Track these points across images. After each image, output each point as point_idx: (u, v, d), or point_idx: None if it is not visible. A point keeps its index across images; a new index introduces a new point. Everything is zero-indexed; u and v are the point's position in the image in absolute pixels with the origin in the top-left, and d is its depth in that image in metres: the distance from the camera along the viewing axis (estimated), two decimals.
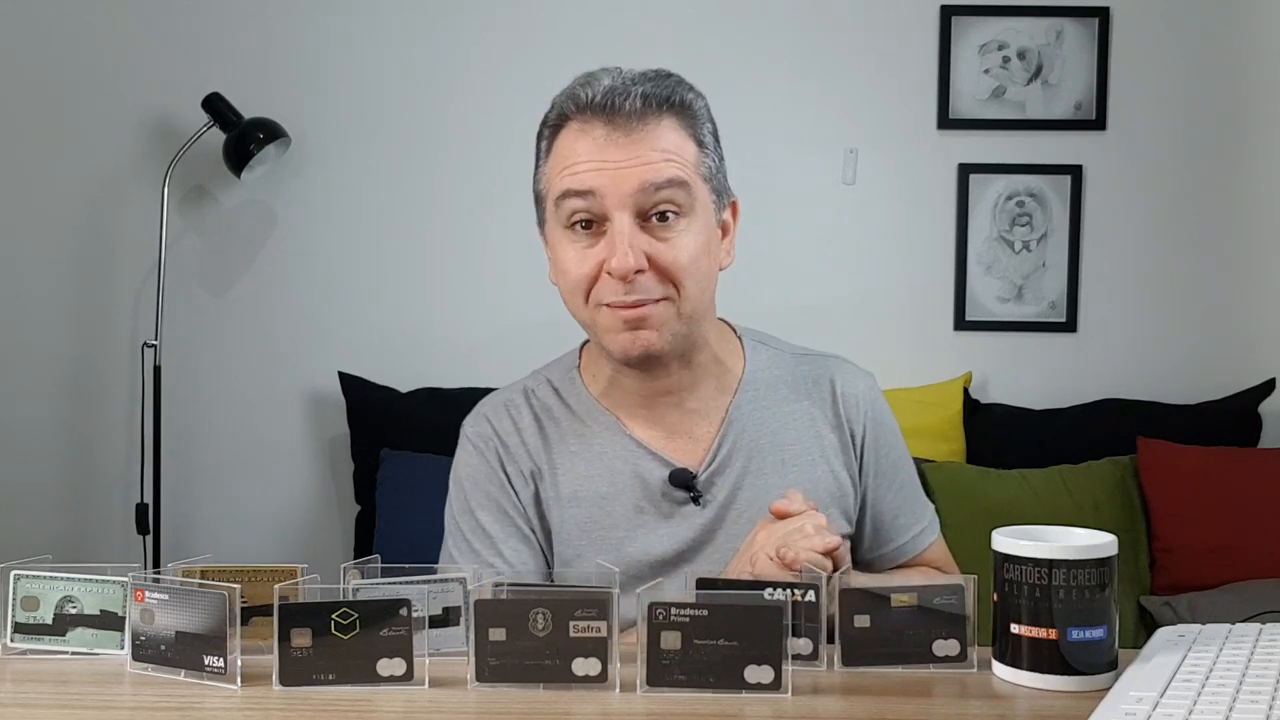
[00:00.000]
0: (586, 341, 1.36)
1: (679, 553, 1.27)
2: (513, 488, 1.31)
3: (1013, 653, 0.95)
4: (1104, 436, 2.82)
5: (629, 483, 1.28)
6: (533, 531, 1.31)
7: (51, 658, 1.04)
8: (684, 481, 1.28)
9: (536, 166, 1.28)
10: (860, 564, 1.35)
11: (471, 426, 1.35)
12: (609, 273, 1.18)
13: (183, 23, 3.05)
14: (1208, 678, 0.86)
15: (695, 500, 1.28)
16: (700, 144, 1.23)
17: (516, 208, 3.05)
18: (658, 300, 1.20)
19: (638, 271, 1.17)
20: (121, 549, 3.02)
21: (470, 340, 3.04)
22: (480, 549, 1.30)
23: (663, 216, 1.19)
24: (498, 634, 0.93)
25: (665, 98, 1.20)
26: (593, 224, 1.20)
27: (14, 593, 1.05)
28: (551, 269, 1.28)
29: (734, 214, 1.31)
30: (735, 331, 1.37)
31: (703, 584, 1.03)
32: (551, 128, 1.24)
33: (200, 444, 3.08)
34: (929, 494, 1.45)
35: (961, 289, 3.07)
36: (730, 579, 1.06)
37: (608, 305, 1.20)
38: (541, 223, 1.29)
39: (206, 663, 0.95)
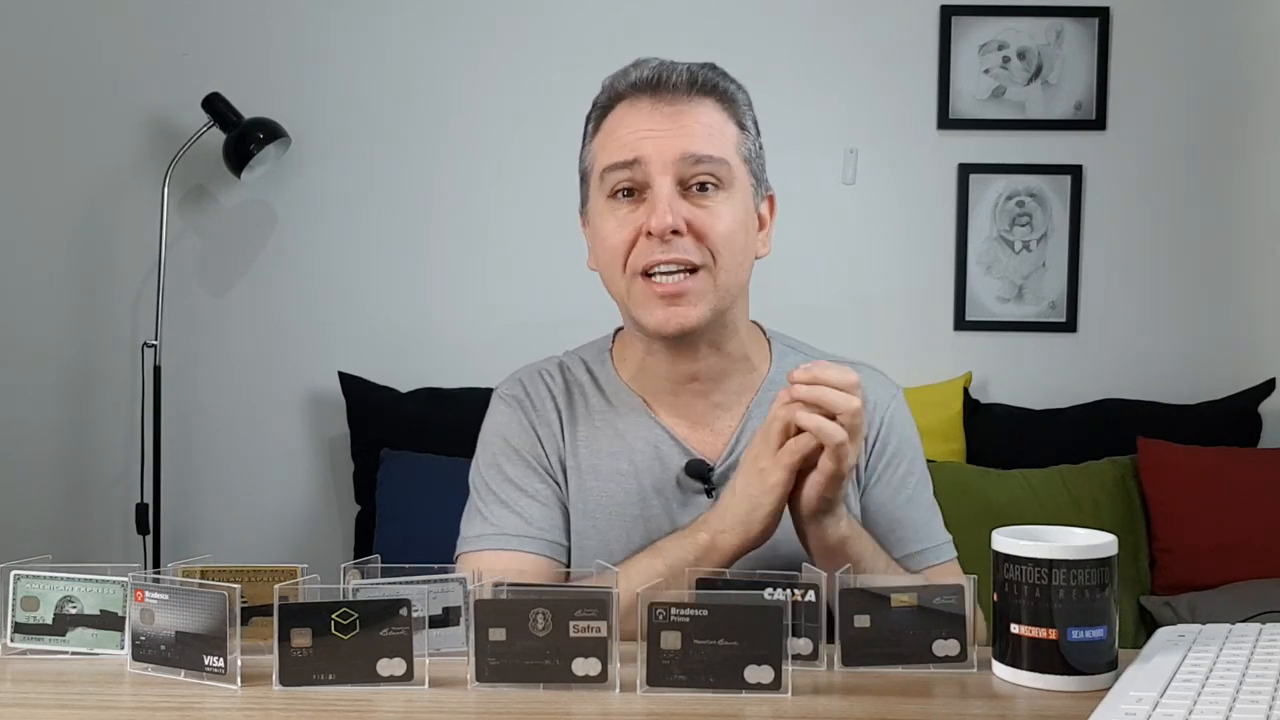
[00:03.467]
0: (619, 329, 1.38)
1: None
2: (541, 445, 1.32)
3: (1013, 653, 0.95)
4: (1104, 436, 2.82)
5: (649, 464, 1.30)
6: (558, 485, 1.32)
7: (51, 658, 1.04)
8: (700, 473, 1.29)
9: (583, 145, 1.31)
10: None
11: (505, 388, 1.37)
12: (648, 233, 1.20)
13: (183, 23, 3.05)
14: (1208, 678, 0.86)
15: (709, 493, 1.29)
16: (741, 127, 1.27)
17: (517, 208, 3.08)
18: (695, 269, 1.21)
19: (674, 232, 1.20)
20: (121, 549, 3.02)
21: (470, 340, 3.04)
22: (508, 498, 1.29)
23: (703, 187, 1.22)
24: (498, 634, 0.93)
25: (711, 83, 1.25)
26: (634, 192, 1.23)
27: (14, 593, 1.05)
28: (590, 253, 1.31)
29: (771, 208, 1.34)
30: (766, 334, 1.38)
31: (703, 584, 1.04)
32: (601, 109, 1.28)
33: (200, 444, 3.08)
34: None
35: (961, 289, 3.07)
36: (730, 579, 1.06)
37: (644, 276, 1.22)
38: (584, 201, 1.32)
39: (206, 663, 0.95)
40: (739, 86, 1.29)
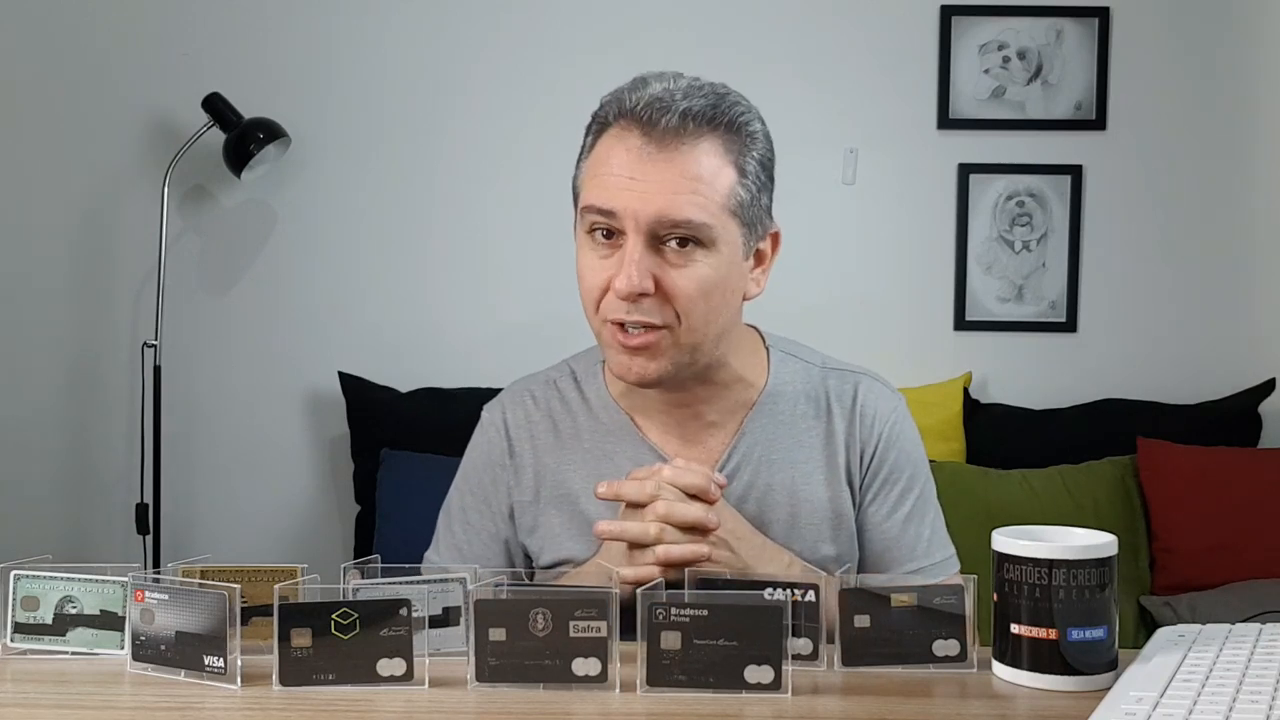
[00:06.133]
0: None
1: None
2: (505, 483, 1.32)
3: (1013, 653, 0.95)
4: (1104, 436, 2.82)
5: None
6: (513, 527, 1.32)
7: (51, 658, 1.04)
8: None
9: (578, 159, 1.26)
10: None
11: (488, 412, 1.37)
12: (614, 290, 1.17)
13: (183, 23, 3.05)
14: (1208, 678, 0.86)
15: None
16: (740, 171, 1.18)
17: (517, 208, 3.08)
18: (658, 328, 1.18)
19: (641, 295, 1.16)
20: (121, 549, 3.02)
21: (470, 340, 3.04)
22: (456, 530, 1.34)
23: (682, 242, 1.16)
24: (498, 634, 0.93)
25: (710, 117, 1.16)
26: (612, 234, 1.19)
27: (14, 593, 1.05)
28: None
29: (774, 245, 1.27)
30: (765, 341, 1.35)
31: (703, 584, 1.04)
32: (598, 125, 1.22)
33: (200, 444, 3.08)
34: None
35: (961, 289, 3.07)
36: (730, 579, 1.06)
37: (612, 322, 1.20)
38: (576, 220, 1.28)
39: (206, 663, 0.95)
40: (752, 115, 1.20)
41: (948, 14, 3.03)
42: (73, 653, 1.04)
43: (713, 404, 1.29)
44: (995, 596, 0.96)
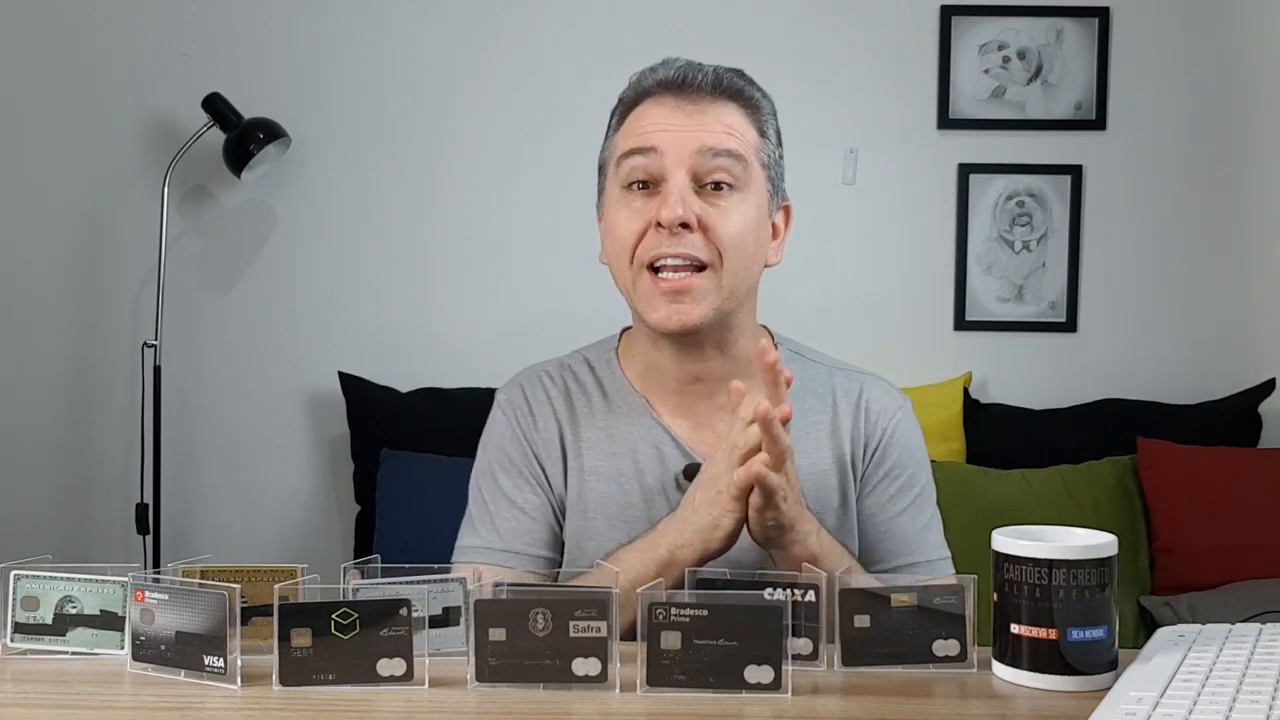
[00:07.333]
0: (627, 328, 1.38)
1: None
2: (535, 454, 1.33)
3: (1013, 653, 0.95)
4: (1104, 436, 2.82)
5: (651, 465, 1.30)
6: (551, 491, 1.33)
7: (51, 658, 1.04)
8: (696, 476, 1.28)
9: (605, 139, 1.32)
10: None
11: (504, 393, 1.38)
12: (659, 224, 1.21)
13: (183, 23, 3.05)
14: (1208, 678, 0.86)
15: None
16: (762, 134, 1.28)
17: (517, 207, 3.08)
18: (701, 267, 1.22)
19: (684, 225, 1.21)
20: (121, 549, 3.02)
21: (470, 340, 3.04)
22: (496, 510, 1.32)
23: (717, 186, 1.24)
24: (498, 634, 0.93)
25: (737, 89, 1.27)
26: (649, 185, 1.24)
27: (14, 593, 1.05)
28: (601, 246, 1.31)
29: (787, 218, 1.35)
30: (774, 339, 1.38)
31: (703, 584, 1.04)
32: (626, 104, 1.30)
33: (200, 444, 3.08)
34: None
35: (961, 289, 3.07)
36: (730, 579, 1.06)
37: (650, 271, 1.23)
38: (600, 193, 1.33)
39: (206, 663, 0.95)
40: (764, 95, 1.30)
41: (948, 14, 3.03)
42: (73, 653, 1.04)
43: (724, 385, 1.30)
44: (995, 596, 0.96)
